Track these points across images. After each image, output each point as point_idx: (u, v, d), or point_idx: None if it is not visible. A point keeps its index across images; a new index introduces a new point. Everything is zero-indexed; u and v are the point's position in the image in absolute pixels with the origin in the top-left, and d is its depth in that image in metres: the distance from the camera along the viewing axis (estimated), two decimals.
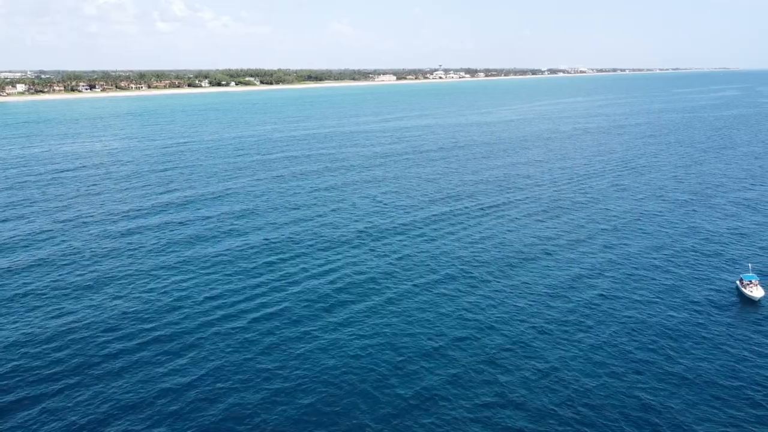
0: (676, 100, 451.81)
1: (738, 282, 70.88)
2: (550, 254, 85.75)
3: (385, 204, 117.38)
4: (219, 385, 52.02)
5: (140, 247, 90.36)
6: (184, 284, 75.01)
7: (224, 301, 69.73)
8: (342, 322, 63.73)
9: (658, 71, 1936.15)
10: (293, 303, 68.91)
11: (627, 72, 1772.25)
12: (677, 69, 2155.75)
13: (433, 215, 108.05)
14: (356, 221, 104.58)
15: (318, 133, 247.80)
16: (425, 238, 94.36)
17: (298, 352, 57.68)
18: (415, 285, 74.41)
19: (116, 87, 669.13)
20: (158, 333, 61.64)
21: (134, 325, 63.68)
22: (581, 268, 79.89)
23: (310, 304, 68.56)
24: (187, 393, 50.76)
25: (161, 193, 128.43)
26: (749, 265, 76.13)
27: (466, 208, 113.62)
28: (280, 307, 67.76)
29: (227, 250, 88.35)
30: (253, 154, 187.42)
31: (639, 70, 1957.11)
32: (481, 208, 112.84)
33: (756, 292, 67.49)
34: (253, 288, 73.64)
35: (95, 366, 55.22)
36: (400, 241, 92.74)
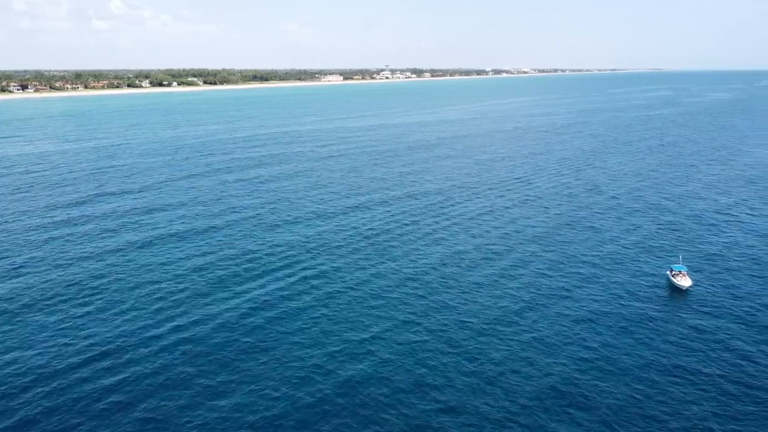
0: (612, 100, 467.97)
1: (668, 272, 73.61)
2: (480, 249, 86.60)
3: (320, 202, 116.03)
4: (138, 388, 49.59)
5: (65, 252, 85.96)
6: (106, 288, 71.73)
7: (153, 303, 66.97)
8: (277, 317, 62.38)
9: (596, 72, 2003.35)
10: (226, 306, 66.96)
11: (567, 72, 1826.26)
12: (614, 70, 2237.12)
13: (368, 212, 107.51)
14: (294, 221, 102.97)
15: (259, 134, 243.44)
16: (360, 236, 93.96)
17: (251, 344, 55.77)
18: (345, 284, 73.99)
19: (51, 87, 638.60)
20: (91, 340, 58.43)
21: (53, 339, 60.18)
22: (514, 262, 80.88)
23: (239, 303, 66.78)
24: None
25: (92, 196, 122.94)
26: (679, 256, 79.54)
27: (404, 206, 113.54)
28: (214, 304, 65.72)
29: (157, 252, 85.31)
30: (193, 155, 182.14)
31: (578, 70, 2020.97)
32: (420, 206, 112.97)
33: (684, 281, 70.67)
34: (180, 292, 71.16)
35: None
36: (332, 240, 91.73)
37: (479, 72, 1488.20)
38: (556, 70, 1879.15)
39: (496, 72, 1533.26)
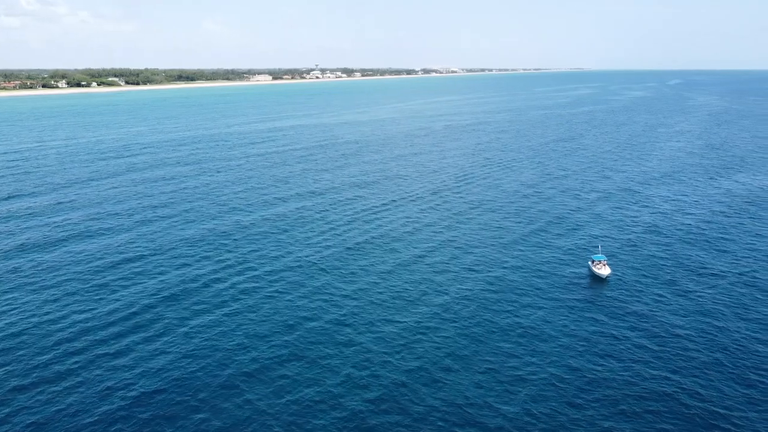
0: (538, 98, 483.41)
1: (590, 262, 76.30)
2: (401, 240, 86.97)
3: (240, 202, 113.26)
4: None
5: None
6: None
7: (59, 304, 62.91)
8: (197, 312, 59.92)
9: (521, 71, 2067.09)
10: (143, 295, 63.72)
11: (494, 72, 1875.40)
12: (539, 69, 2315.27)
13: (288, 210, 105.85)
14: (213, 219, 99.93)
15: (185, 135, 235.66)
16: (277, 230, 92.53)
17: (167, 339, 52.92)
18: (257, 274, 72.75)
19: None
20: None
21: None
22: (435, 254, 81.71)
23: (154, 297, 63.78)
24: None
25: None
26: (599, 246, 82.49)
27: (326, 202, 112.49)
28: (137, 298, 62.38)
29: (65, 253, 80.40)
30: (110, 157, 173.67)
31: (505, 70, 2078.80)
32: (339, 201, 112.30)
33: (603, 270, 73.64)
34: (87, 292, 67.34)
35: None
36: (250, 234, 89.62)
37: (409, 72, 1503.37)
38: (483, 70, 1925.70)
39: (426, 72, 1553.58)
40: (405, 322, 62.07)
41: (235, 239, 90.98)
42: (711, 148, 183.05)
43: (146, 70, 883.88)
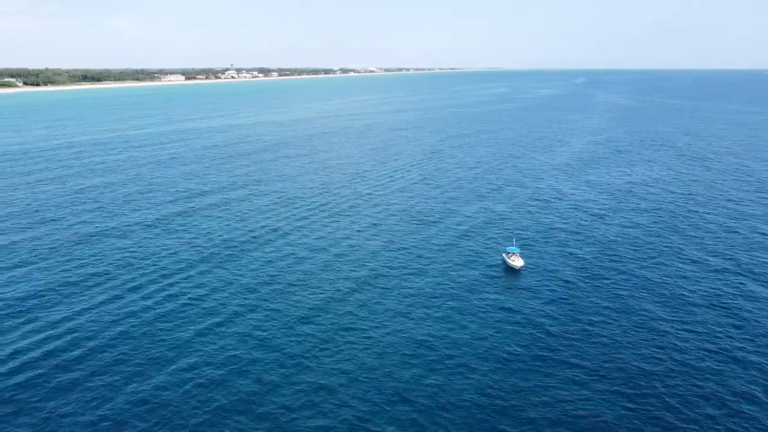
0: (454, 97, 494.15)
1: (504, 255, 78.16)
2: (287, 230, 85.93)
3: (145, 208, 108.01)
4: None
5: None
6: None
7: None
8: (96, 306, 56.00)
9: (438, 71, 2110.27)
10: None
11: (411, 71, 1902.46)
12: (454, 69, 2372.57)
13: (184, 210, 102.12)
14: (107, 218, 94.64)
15: (87, 139, 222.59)
16: (174, 231, 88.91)
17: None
18: (160, 274, 69.39)
19: None
20: None
21: None
22: (358, 252, 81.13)
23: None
24: None
25: None
26: (513, 239, 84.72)
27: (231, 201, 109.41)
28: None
29: None
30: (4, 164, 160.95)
31: (422, 69, 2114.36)
32: (260, 206, 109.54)
33: (517, 262, 75.87)
34: None
35: None
36: (152, 234, 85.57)
37: (327, 71, 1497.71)
38: (401, 69, 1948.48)
39: (344, 71, 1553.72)
40: (320, 323, 60.71)
41: (135, 241, 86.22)
42: (610, 141, 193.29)
43: (47, 69, 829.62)
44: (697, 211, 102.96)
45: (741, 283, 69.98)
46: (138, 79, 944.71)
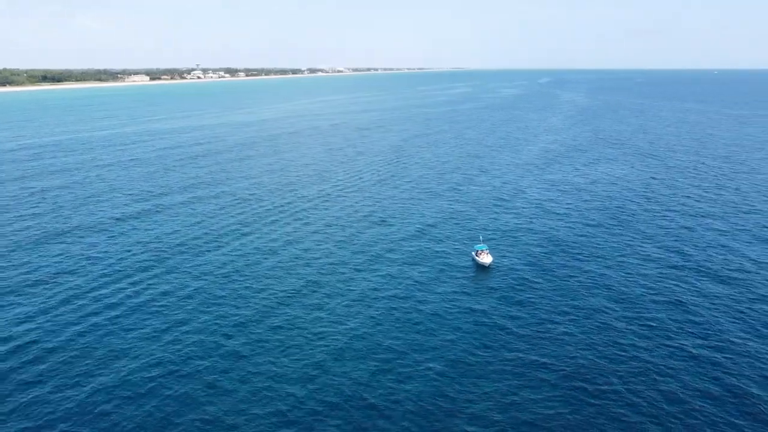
0: (422, 97, 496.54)
1: (473, 253, 79.25)
2: (246, 231, 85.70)
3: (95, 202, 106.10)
4: None
5: None
6: None
7: None
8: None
9: (405, 71, 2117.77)
10: None
11: (380, 71, 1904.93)
12: (422, 69, 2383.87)
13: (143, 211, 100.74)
14: (64, 219, 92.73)
15: (47, 141, 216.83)
16: (130, 232, 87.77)
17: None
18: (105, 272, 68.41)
19: None
20: None
21: None
22: (321, 253, 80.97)
23: None
24: None
25: None
26: (480, 237, 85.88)
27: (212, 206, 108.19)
28: None
29: None
30: None
31: (390, 69, 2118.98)
32: (222, 206, 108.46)
33: (486, 259, 77.30)
34: None
35: None
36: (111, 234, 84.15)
37: (295, 71, 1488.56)
38: (369, 69, 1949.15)
39: (313, 71, 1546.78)
40: (278, 324, 60.39)
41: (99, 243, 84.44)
42: (575, 139, 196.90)
43: (5, 70, 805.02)
44: (654, 209, 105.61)
45: (697, 280, 72.05)
46: (101, 80, 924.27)
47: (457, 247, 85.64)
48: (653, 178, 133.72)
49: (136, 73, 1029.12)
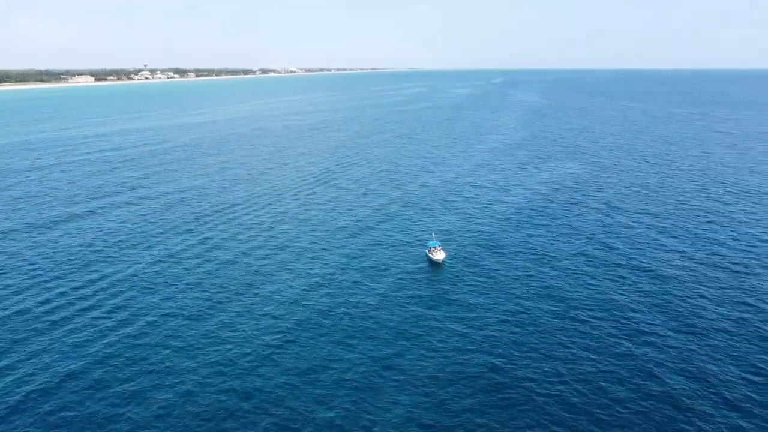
0: (374, 97, 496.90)
1: (427, 250, 79.62)
2: (232, 244, 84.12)
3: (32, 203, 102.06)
4: None
5: None
6: None
7: None
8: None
9: (359, 71, 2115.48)
10: None
11: (332, 72, 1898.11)
12: (375, 69, 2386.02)
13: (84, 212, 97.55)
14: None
15: None
16: (69, 234, 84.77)
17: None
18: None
19: None
20: None
21: None
22: (289, 252, 79.94)
23: None
24: None
25: None
26: (433, 234, 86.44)
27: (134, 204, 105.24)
28: None
29: None
30: None
31: (343, 70, 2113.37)
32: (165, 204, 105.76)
33: (438, 255, 77.83)
34: None
35: None
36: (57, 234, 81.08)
37: (246, 72, 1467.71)
38: (322, 70, 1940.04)
39: (264, 72, 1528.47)
40: (235, 327, 59.08)
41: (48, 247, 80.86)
42: (523, 139, 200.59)
43: None
44: (602, 204, 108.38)
45: (647, 272, 74.20)
46: (42, 81, 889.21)
47: (412, 243, 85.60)
48: (594, 175, 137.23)
49: (81, 73, 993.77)
